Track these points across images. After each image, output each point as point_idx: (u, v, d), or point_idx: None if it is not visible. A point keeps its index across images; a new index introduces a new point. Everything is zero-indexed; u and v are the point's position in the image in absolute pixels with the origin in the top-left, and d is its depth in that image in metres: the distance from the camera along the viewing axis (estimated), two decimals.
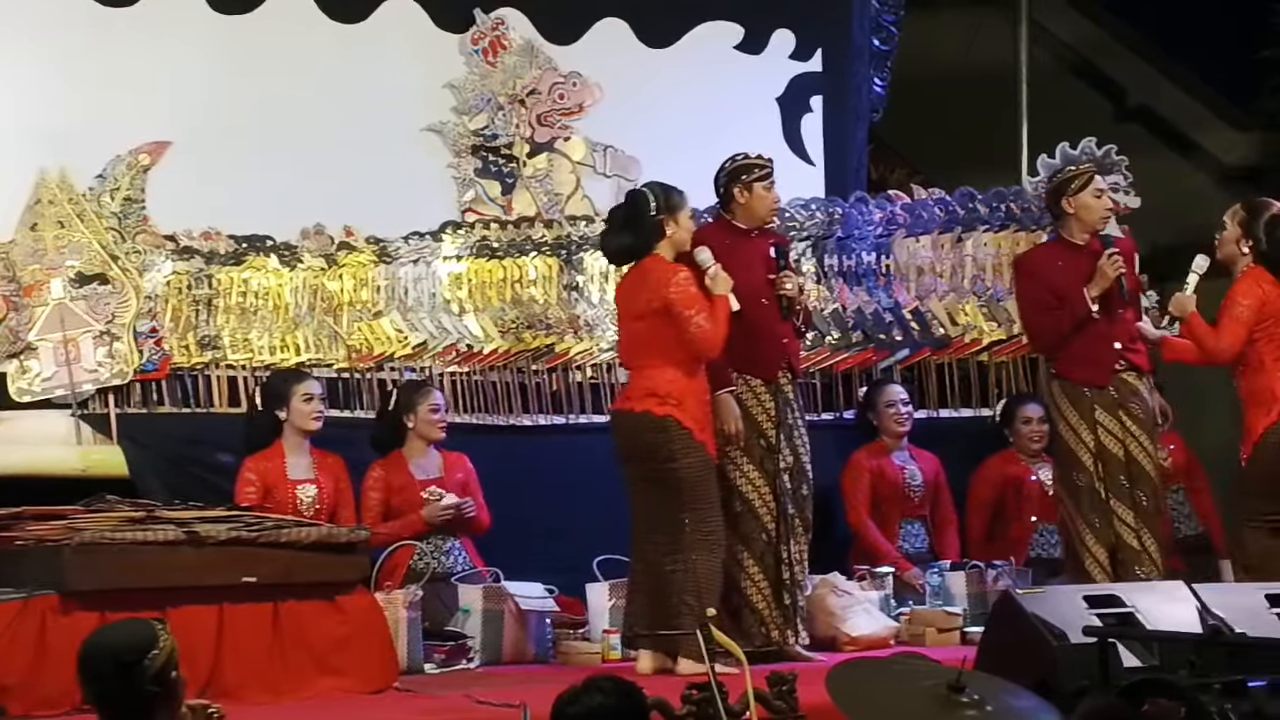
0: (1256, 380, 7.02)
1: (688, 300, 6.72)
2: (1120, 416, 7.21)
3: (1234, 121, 11.24)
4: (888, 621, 7.67)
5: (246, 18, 8.25)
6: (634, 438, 6.79)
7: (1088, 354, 7.24)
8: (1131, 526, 7.17)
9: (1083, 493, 7.20)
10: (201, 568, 6.28)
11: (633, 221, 6.89)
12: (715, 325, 6.73)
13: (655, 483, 6.78)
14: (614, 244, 7.03)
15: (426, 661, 7.02)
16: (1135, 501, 7.19)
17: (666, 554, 6.75)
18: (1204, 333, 7.08)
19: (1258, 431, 6.99)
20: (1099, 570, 7.12)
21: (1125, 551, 7.15)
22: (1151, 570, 7.07)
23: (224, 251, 8.01)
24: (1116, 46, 11.68)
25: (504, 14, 8.64)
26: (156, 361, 7.80)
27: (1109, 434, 7.21)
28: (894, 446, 8.33)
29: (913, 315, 8.77)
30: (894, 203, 8.94)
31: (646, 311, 6.79)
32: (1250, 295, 7.01)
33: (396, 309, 8.18)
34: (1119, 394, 7.23)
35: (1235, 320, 7.00)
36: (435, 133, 8.52)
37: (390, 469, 7.65)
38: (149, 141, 7.97)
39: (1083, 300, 7.17)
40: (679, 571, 6.71)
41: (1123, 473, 7.19)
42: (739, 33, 9.05)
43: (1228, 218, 7.18)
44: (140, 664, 3.98)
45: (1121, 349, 7.24)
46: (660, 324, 6.75)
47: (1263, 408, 6.99)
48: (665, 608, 6.72)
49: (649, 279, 6.81)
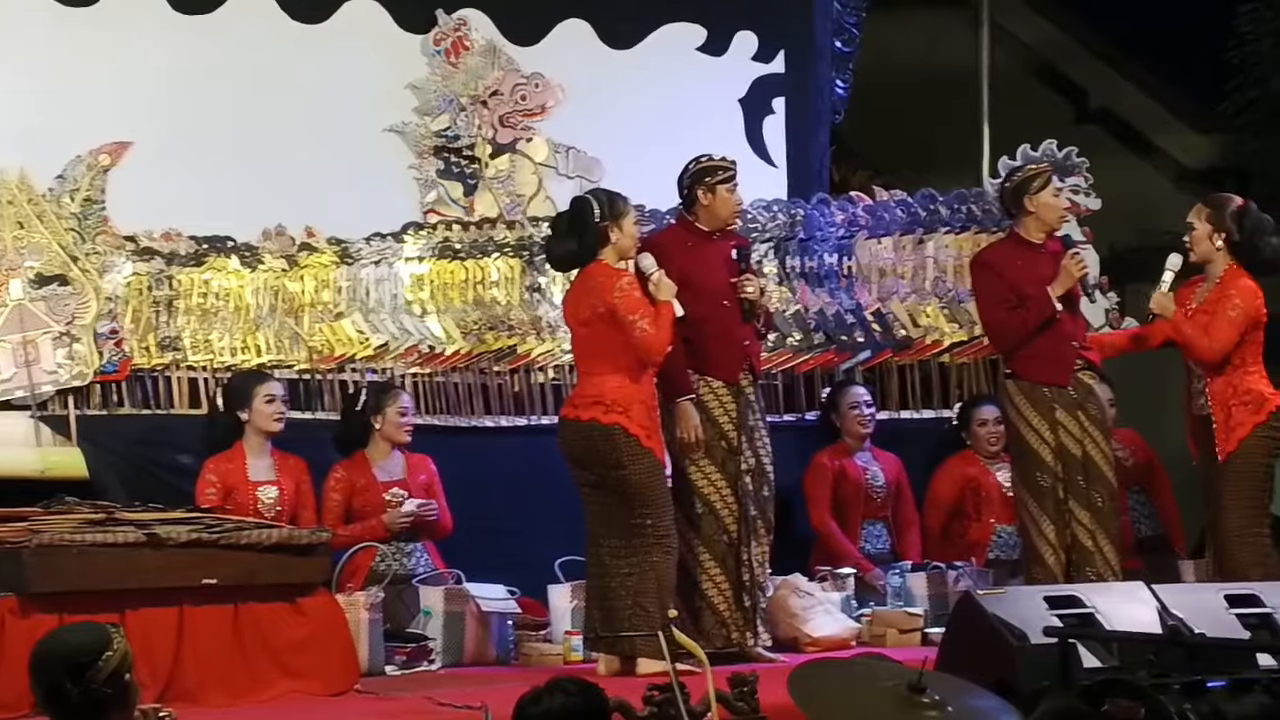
0: (1238, 380, 7.08)
1: (631, 305, 6.73)
2: (1079, 417, 7.24)
3: (1194, 124, 11.30)
4: (849, 622, 7.69)
5: (208, 18, 8.23)
6: (581, 445, 6.80)
7: (1050, 354, 7.26)
8: (1087, 527, 7.18)
9: (1046, 493, 7.22)
10: (162, 570, 6.25)
11: (577, 228, 6.89)
12: (659, 330, 6.74)
13: (605, 489, 6.80)
14: (558, 250, 7.04)
15: (388, 663, 7.01)
16: (1091, 502, 7.20)
17: (621, 557, 6.76)
18: (1194, 333, 7.10)
19: (1247, 428, 7.04)
20: (1058, 569, 7.14)
21: (1079, 552, 7.17)
22: (1105, 571, 7.09)
23: (184, 252, 7.98)
24: (1077, 49, 11.74)
25: (466, 15, 8.64)
26: (117, 363, 7.77)
27: (1068, 434, 7.23)
28: (857, 448, 8.35)
29: (874, 317, 8.79)
30: (856, 204, 8.96)
31: (591, 317, 6.80)
32: (1246, 299, 7.08)
33: (358, 310, 8.16)
34: (1077, 394, 7.25)
35: (1231, 323, 7.05)
36: (397, 133, 8.51)
37: (352, 470, 7.64)
38: (109, 142, 7.94)
39: (1048, 300, 7.19)
40: (634, 574, 6.72)
41: (1080, 473, 7.21)
42: (701, 34, 9.06)
43: (1193, 218, 7.21)
44: (93, 666, 3.97)
45: (1078, 348, 7.27)
46: (605, 330, 6.76)
47: (1250, 406, 7.06)
48: (622, 610, 6.72)
49: (593, 285, 6.82)
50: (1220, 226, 7.13)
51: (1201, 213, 7.21)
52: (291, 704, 6.33)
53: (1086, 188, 8.87)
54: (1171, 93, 11.46)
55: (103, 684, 3.97)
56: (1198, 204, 7.32)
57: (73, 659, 3.98)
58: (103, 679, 3.97)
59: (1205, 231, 7.15)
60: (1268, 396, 7.08)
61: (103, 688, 3.97)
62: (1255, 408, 7.05)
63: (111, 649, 4.01)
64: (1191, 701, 4.95)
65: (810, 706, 4.27)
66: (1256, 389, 7.08)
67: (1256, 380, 7.10)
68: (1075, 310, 7.34)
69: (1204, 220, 7.17)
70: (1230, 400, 7.07)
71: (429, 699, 6.23)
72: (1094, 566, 7.12)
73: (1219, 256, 7.15)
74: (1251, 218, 7.14)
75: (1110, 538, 7.20)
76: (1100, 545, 7.17)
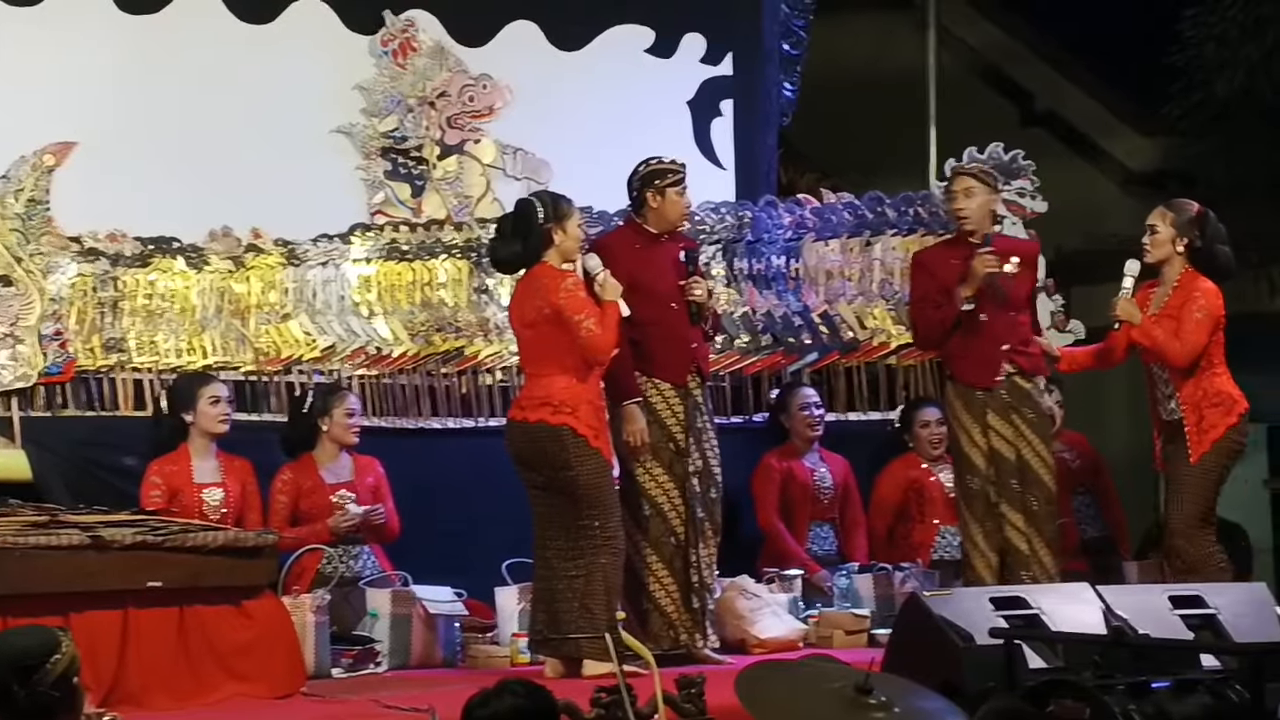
0: (1208, 382, 7.08)
1: (576, 305, 6.73)
2: (1013, 419, 7.23)
3: (1139, 127, 11.36)
4: (796, 624, 7.70)
5: (153, 17, 8.19)
6: (529, 447, 6.79)
7: (975, 355, 7.27)
8: (1021, 530, 7.18)
9: (975, 496, 7.24)
10: (106, 572, 6.21)
11: (521, 230, 6.89)
12: (605, 330, 6.74)
13: (553, 490, 6.79)
14: (503, 253, 7.03)
15: (334, 666, 6.99)
16: (1026, 505, 7.19)
17: (568, 559, 6.75)
18: (1164, 338, 7.07)
19: (1221, 429, 7.04)
20: (988, 573, 7.16)
21: (1013, 555, 7.17)
22: (1041, 575, 7.09)
23: (130, 253, 7.95)
24: (1024, 52, 11.79)
25: (414, 16, 8.61)
26: (61, 364, 7.72)
27: (1000, 437, 7.22)
28: (805, 449, 8.37)
29: (821, 319, 8.81)
30: (803, 207, 8.98)
31: (537, 319, 6.80)
32: (1210, 300, 7.07)
33: (305, 311, 8.13)
34: (1011, 397, 7.25)
35: (1199, 325, 7.05)
36: (344, 134, 8.48)
37: (299, 472, 7.61)
38: (54, 142, 7.89)
39: (955, 299, 7.20)
40: (580, 576, 6.72)
41: (1015, 476, 7.20)
42: (650, 36, 9.06)
43: (1157, 221, 7.17)
44: (41, 669, 3.98)
45: (1010, 350, 7.26)
46: (551, 331, 6.76)
47: (1222, 408, 7.06)
48: (569, 612, 6.72)
49: (538, 286, 6.82)
50: (1184, 232, 7.13)
51: (1165, 216, 7.18)
52: (237, 707, 6.30)
53: (1033, 190, 8.90)
54: (1116, 96, 11.53)
55: (50, 687, 3.99)
56: (1159, 207, 7.26)
57: (20, 661, 4.00)
58: (50, 682, 3.99)
59: (1168, 235, 7.14)
60: (1236, 398, 7.11)
61: (50, 690, 3.99)
62: (1226, 409, 7.06)
63: (60, 652, 4.03)
64: (1136, 702, 4.98)
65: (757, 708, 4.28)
66: (1226, 390, 7.09)
67: (1224, 382, 7.10)
68: (1020, 311, 7.32)
69: (1168, 224, 7.15)
70: (1202, 403, 7.07)
71: (375, 701, 6.21)
72: (1029, 570, 7.12)
73: (1177, 260, 7.15)
74: (1210, 225, 7.16)
75: (1046, 541, 7.19)
76: (1036, 549, 7.17)
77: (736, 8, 9.29)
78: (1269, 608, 6.17)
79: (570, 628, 6.69)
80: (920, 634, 5.84)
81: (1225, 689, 5.13)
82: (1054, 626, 5.77)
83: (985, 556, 7.18)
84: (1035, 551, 7.17)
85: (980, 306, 7.20)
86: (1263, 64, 9.78)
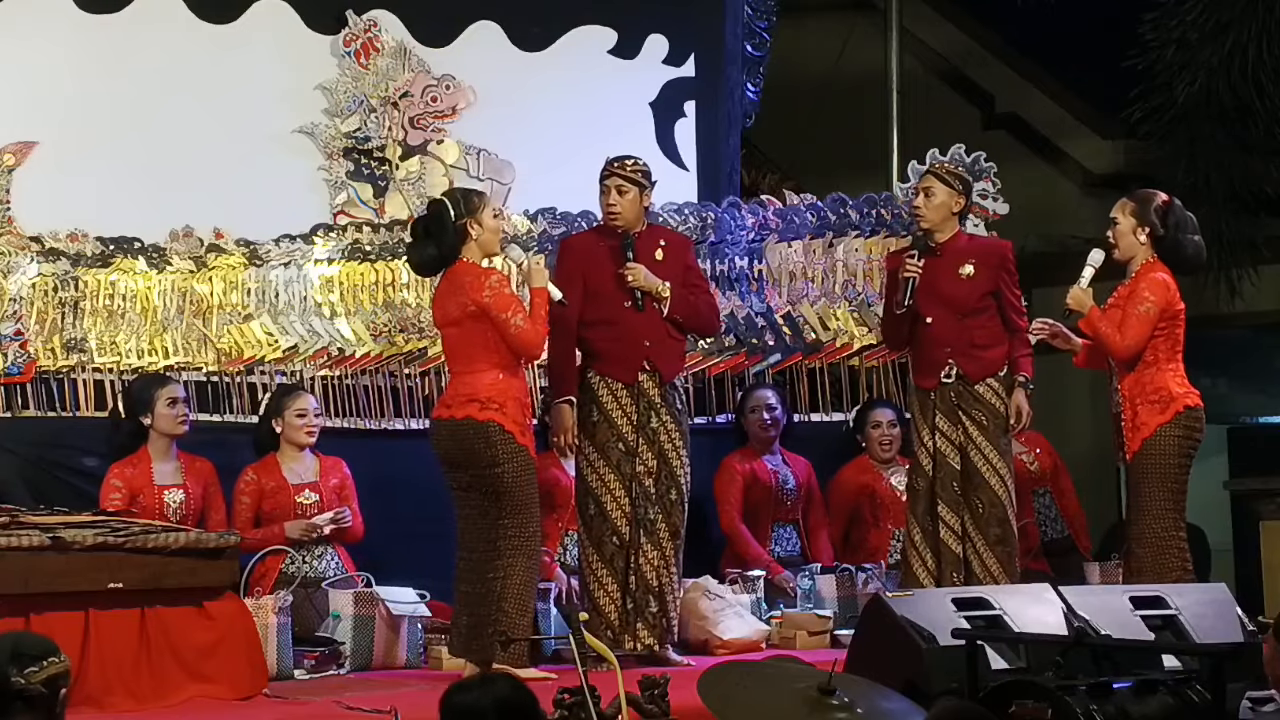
0: (1149, 377, 6.95)
1: (503, 303, 6.68)
2: (961, 421, 7.21)
3: (1100, 129, 11.39)
4: (759, 625, 7.71)
5: (114, 17, 8.17)
6: (456, 445, 6.72)
7: (921, 357, 7.31)
8: (956, 532, 7.15)
9: (917, 495, 7.25)
10: (67, 573, 6.20)
11: (435, 230, 6.81)
12: (535, 324, 6.69)
13: (477, 489, 6.73)
14: (420, 255, 6.92)
15: (296, 667, 6.97)
16: (972, 507, 7.15)
17: (488, 560, 6.69)
18: (1108, 330, 6.95)
19: (1151, 428, 6.91)
20: (925, 574, 7.15)
21: (945, 556, 7.14)
22: (984, 577, 7.02)
23: (91, 254, 7.92)
24: (986, 55, 11.82)
25: (376, 16, 8.60)
26: (21, 365, 7.69)
27: (945, 439, 7.21)
28: (764, 451, 8.37)
29: (784, 320, 8.83)
30: (766, 208, 9.00)
31: (461, 316, 6.73)
32: (1157, 293, 6.93)
33: (267, 312, 8.11)
34: (959, 399, 7.24)
35: (1142, 318, 6.91)
36: (307, 135, 8.47)
37: (263, 472, 7.59)
38: (14, 141, 7.88)
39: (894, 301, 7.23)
40: (498, 579, 6.66)
41: (956, 479, 7.18)
42: (612, 37, 9.06)
43: (1117, 212, 7.08)
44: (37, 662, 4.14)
45: (952, 352, 7.24)
46: (475, 327, 6.70)
47: (1157, 405, 6.92)
48: (486, 615, 6.64)
49: (460, 283, 6.74)
50: (1144, 221, 7.00)
51: (1126, 207, 7.07)
52: (199, 709, 6.28)
53: (994, 192, 8.93)
54: (1077, 99, 11.56)
55: (40, 682, 4.12)
56: (1122, 199, 7.18)
57: (19, 649, 4.15)
58: (42, 678, 4.13)
59: (1129, 226, 7.02)
60: (1176, 395, 6.92)
61: (40, 685, 4.12)
62: (1161, 407, 6.90)
63: (58, 657, 4.22)
64: (1097, 702, 5.00)
65: (721, 709, 4.29)
66: (1166, 387, 6.92)
67: (1168, 378, 6.94)
68: (970, 315, 7.25)
69: (1128, 214, 7.03)
70: (1137, 399, 6.94)
71: (338, 703, 6.21)
72: (960, 572, 7.09)
73: (1141, 251, 7.02)
74: (1175, 214, 7.03)
75: (989, 543, 7.13)
76: (979, 551, 7.13)
77: (699, 9, 9.30)
78: (1230, 608, 6.20)
79: (487, 631, 6.61)
80: (883, 635, 5.85)
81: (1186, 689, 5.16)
82: (1016, 627, 5.79)
83: (920, 556, 7.18)
84: (978, 554, 7.12)
85: (926, 309, 7.22)
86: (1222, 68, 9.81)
